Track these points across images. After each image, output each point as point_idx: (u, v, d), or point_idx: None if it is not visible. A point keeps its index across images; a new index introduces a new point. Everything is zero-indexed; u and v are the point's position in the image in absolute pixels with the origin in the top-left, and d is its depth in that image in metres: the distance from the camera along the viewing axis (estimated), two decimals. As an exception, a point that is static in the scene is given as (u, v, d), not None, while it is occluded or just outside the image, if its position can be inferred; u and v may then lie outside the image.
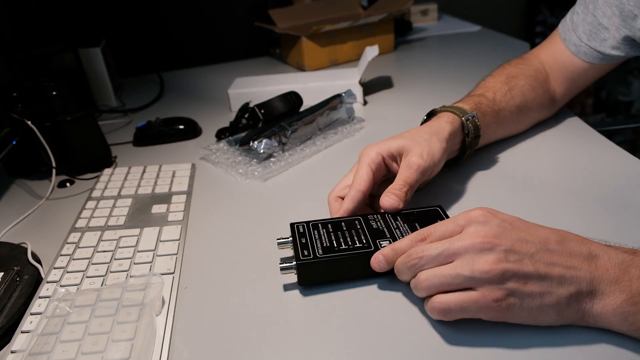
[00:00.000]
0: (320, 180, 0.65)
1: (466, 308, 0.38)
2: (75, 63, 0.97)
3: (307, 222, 0.50)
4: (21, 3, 0.94)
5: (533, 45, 0.85)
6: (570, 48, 0.68)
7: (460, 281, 0.38)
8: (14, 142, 0.68)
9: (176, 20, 1.25)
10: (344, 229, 0.48)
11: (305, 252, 0.46)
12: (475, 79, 0.72)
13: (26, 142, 0.69)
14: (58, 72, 0.94)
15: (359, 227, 0.48)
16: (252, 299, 0.46)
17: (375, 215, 0.50)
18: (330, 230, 0.48)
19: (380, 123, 0.83)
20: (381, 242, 0.46)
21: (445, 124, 0.57)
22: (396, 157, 0.55)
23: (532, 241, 0.38)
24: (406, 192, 0.50)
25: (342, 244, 0.46)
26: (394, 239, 0.46)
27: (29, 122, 0.68)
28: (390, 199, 0.50)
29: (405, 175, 0.52)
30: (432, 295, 0.39)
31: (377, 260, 0.44)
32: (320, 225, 0.49)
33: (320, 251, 0.45)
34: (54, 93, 0.71)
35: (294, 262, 0.45)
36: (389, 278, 0.46)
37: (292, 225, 0.50)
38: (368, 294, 0.45)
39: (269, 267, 0.50)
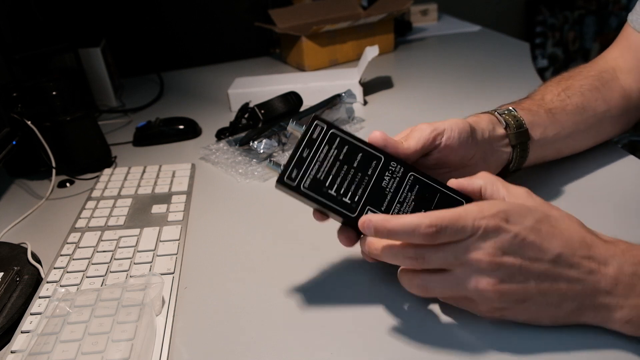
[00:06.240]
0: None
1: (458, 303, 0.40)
2: (75, 63, 0.97)
3: (329, 128, 0.42)
4: (21, 3, 0.94)
5: (533, 45, 0.84)
6: None
7: (457, 294, 0.39)
8: (14, 142, 0.68)
9: (176, 20, 1.25)
10: (354, 165, 0.42)
11: (294, 174, 0.41)
12: (475, 79, 0.72)
13: (26, 142, 0.69)
14: (58, 72, 0.95)
15: (369, 172, 0.42)
16: (252, 299, 0.46)
17: (396, 167, 0.43)
18: (341, 156, 0.42)
19: (380, 123, 0.82)
20: (371, 209, 0.41)
21: (468, 117, 0.52)
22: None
23: (542, 259, 0.36)
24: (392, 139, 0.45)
25: (336, 184, 0.41)
26: (387, 213, 0.41)
27: (29, 122, 0.68)
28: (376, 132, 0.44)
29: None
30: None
31: (366, 226, 0.38)
32: (338, 140, 0.42)
33: (307, 182, 0.41)
34: (54, 93, 0.71)
35: (279, 172, 0.41)
36: (388, 278, 0.46)
37: (314, 118, 0.42)
38: (368, 294, 0.45)
39: (269, 267, 0.50)
